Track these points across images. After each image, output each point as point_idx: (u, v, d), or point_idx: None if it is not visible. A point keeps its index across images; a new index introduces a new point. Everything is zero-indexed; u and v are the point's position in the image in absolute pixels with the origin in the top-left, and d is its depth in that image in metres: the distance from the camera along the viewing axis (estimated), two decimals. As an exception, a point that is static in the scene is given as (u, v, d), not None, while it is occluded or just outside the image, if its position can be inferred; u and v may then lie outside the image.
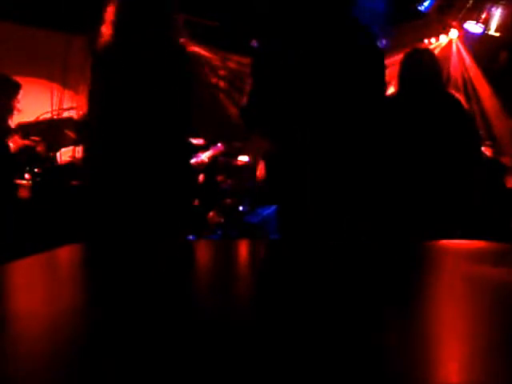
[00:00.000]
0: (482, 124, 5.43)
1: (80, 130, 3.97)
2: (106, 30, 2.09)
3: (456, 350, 0.57)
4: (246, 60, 7.21)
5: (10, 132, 3.44)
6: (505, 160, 4.88)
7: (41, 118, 4.43)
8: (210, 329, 0.61)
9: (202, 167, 5.11)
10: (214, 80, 7.05)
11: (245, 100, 2.07)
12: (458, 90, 5.21)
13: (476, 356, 0.54)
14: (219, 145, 5.46)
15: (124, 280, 0.89)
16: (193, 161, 5.31)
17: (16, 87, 3.47)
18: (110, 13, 2.11)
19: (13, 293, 0.85)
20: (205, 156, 4.85)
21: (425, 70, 2.56)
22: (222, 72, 7.14)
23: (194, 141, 5.39)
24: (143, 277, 0.92)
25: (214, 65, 7.08)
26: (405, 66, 2.61)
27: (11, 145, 3.43)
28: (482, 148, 3.79)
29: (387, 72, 2.01)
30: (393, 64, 2.74)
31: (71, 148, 4.41)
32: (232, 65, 7.22)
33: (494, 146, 5.03)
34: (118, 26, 2.09)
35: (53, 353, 0.53)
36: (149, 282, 0.88)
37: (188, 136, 2.31)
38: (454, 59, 6.71)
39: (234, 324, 0.64)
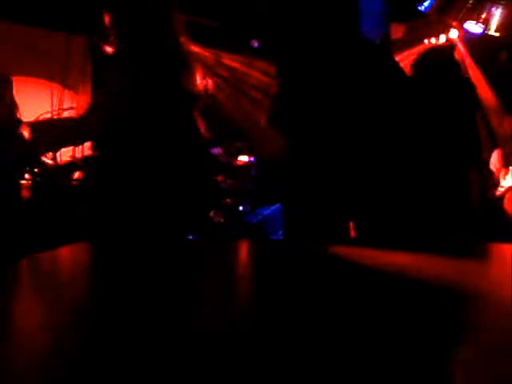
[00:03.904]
0: (482, 124, 5.41)
1: (79, 129, 3.96)
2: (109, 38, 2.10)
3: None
4: (246, 60, 7.21)
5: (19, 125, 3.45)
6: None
7: (41, 118, 4.43)
8: (211, 330, 0.61)
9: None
10: (213, 80, 7.04)
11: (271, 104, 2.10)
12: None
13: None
14: (218, 148, 5.45)
15: (125, 280, 0.89)
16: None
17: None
18: (110, 18, 2.11)
19: (14, 292, 0.85)
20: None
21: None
22: (221, 72, 7.14)
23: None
24: (144, 277, 0.92)
25: (214, 65, 7.08)
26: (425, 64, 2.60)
27: (25, 134, 3.42)
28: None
29: None
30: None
31: (71, 148, 4.41)
32: (232, 64, 7.22)
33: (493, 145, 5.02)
34: (121, 32, 2.09)
35: (54, 351, 0.53)
36: (150, 282, 0.88)
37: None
38: (454, 59, 6.68)
39: (234, 325, 0.64)
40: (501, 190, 4.54)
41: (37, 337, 0.58)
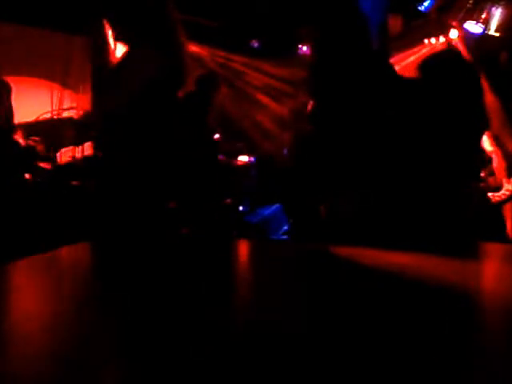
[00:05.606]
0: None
1: (81, 129, 3.98)
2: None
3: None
4: (246, 60, 7.22)
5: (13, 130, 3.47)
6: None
7: (41, 118, 4.43)
8: (212, 329, 0.61)
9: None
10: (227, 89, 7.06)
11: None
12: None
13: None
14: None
15: (125, 280, 0.89)
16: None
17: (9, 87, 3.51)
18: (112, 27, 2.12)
19: (13, 293, 0.85)
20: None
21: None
22: (222, 72, 7.14)
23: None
24: (145, 277, 0.92)
25: (213, 64, 7.08)
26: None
27: (20, 141, 3.44)
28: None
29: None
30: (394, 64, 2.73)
31: (71, 148, 4.42)
32: (232, 64, 7.23)
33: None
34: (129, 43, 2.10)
35: (53, 352, 0.53)
36: (150, 282, 0.88)
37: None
38: (454, 59, 6.67)
39: (234, 325, 0.64)
40: (506, 193, 4.35)
41: (37, 338, 0.58)
